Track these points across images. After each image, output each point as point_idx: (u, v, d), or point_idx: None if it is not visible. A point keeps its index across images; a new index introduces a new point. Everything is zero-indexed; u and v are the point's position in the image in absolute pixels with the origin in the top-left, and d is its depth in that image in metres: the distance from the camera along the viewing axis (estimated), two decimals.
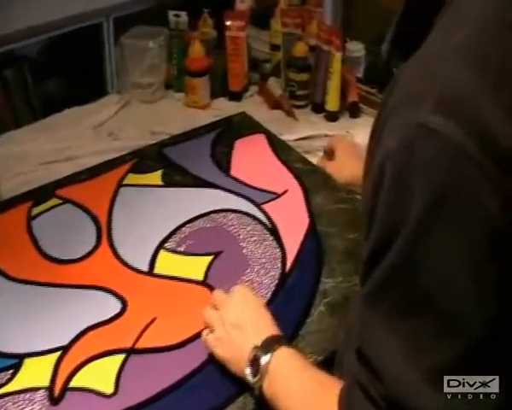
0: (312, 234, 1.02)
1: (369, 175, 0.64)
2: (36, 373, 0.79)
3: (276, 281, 0.93)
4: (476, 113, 0.51)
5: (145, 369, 0.80)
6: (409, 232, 0.53)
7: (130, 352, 0.82)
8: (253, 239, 1.00)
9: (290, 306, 0.89)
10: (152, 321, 0.86)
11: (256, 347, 0.75)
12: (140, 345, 0.83)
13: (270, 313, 0.82)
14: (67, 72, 1.38)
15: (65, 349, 0.82)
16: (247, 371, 0.75)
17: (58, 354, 0.81)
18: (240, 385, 0.77)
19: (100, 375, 0.79)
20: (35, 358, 0.81)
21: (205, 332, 0.83)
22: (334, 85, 1.33)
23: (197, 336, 0.84)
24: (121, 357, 0.81)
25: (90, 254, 0.97)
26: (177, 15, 1.39)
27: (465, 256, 0.52)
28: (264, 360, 0.74)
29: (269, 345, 0.75)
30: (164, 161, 1.17)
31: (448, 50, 0.54)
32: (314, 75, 1.37)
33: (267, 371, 0.73)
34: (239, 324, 0.79)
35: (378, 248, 0.57)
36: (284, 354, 0.74)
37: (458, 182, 0.51)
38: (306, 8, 1.48)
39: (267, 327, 0.79)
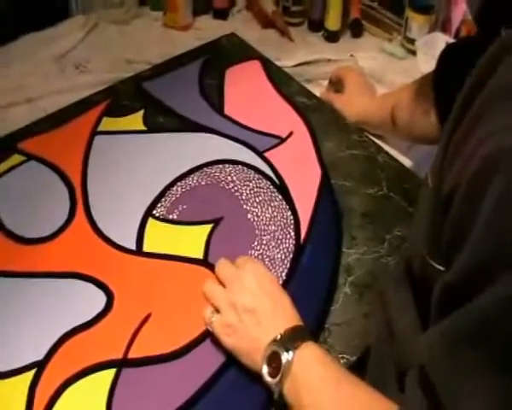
0: (326, 190, 0.79)
1: (454, 163, 0.44)
2: (4, 404, 0.57)
3: (291, 255, 0.71)
4: None
5: (142, 387, 0.59)
6: None
7: (121, 364, 0.60)
8: (258, 200, 0.77)
9: (310, 288, 0.69)
10: (146, 319, 0.64)
11: (275, 341, 0.57)
12: (134, 354, 0.61)
13: (287, 295, 0.62)
14: None
15: (40, 366, 0.60)
16: (265, 369, 0.56)
17: (33, 372, 0.59)
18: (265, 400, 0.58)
19: (87, 400, 0.58)
20: (2, 381, 0.59)
21: (208, 312, 0.63)
22: (335, 1, 1.06)
23: (204, 336, 0.63)
24: (111, 372, 0.60)
25: (63, 229, 0.72)
26: None
27: None
28: (284, 358, 0.55)
29: (290, 340, 0.57)
30: (144, 99, 0.91)
31: None
32: None
33: (289, 373, 0.55)
34: (253, 308, 0.60)
35: (472, 277, 0.39)
36: (309, 353, 0.56)
37: None
38: None
39: (286, 314, 0.60)
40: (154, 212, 0.75)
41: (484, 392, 0.40)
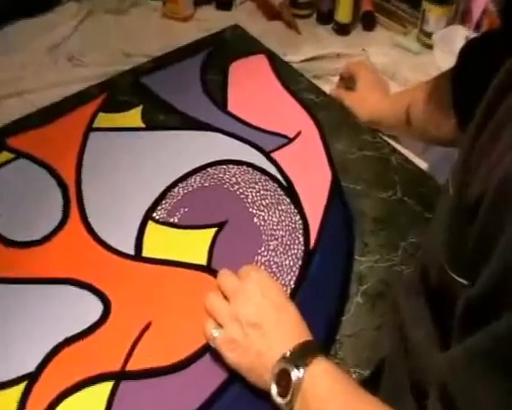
0: (337, 194, 0.80)
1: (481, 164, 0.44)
2: None
3: (300, 262, 0.72)
4: None
5: (141, 401, 0.59)
6: None
7: (120, 377, 0.61)
8: (264, 203, 0.78)
9: (320, 297, 0.69)
10: (145, 328, 0.65)
11: (284, 358, 0.57)
12: (132, 366, 0.62)
13: (295, 306, 0.63)
14: None
15: (32, 378, 0.60)
16: (274, 389, 0.57)
17: (23, 385, 0.60)
18: None
19: None
20: None
21: (210, 327, 0.63)
22: None
23: (208, 347, 0.63)
24: (109, 385, 0.60)
25: (55, 232, 0.73)
26: None
27: None
28: (295, 375, 0.55)
29: (300, 356, 0.57)
30: (143, 94, 0.92)
31: None
32: None
33: (299, 391, 0.55)
34: (258, 321, 0.60)
35: (499, 291, 0.40)
36: (320, 370, 0.56)
37: None
38: None
39: (294, 327, 0.61)
40: (154, 215, 0.76)
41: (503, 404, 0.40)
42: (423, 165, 0.88)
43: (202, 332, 0.64)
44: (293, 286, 0.70)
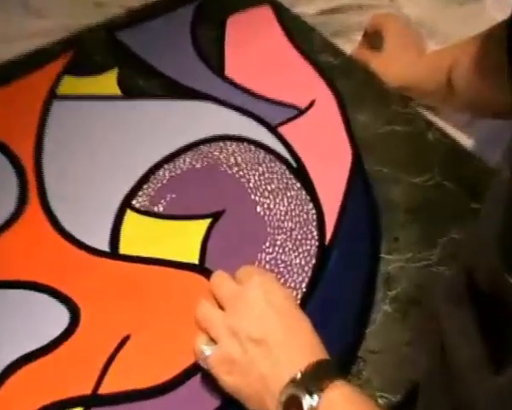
0: (359, 178, 0.81)
1: None
2: None
3: (313, 261, 0.73)
4: None
5: None
6: None
7: (90, 402, 0.61)
8: (270, 188, 0.79)
9: (338, 304, 0.70)
10: (122, 342, 0.65)
11: (294, 381, 0.57)
12: (106, 388, 0.62)
13: (307, 317, 0.63)
14: None
15: None
16: None
17: None
18: None
19: None
20: None
21: (201, 342, 0.63)
22: None
23: (198, 366, 0.63)
24: None
25: (9, 223, 0.73)
26: None
27: None
28: (307, 403, 0.55)
29: (313, 379, 0.57)
30: (119, 54, 0.93)
31: None
32: None
33: None
34: (262, 337, 0.60)
35: None
36: (339, 397, 0.56)
37: None
38: None
39: (306, 344, 0.61)
40: (134, 202, 0.76)
41: None
42: (467, 142, 0.88)
43: (192, 349, 0.64)
44: (304, 290, 0.70)
